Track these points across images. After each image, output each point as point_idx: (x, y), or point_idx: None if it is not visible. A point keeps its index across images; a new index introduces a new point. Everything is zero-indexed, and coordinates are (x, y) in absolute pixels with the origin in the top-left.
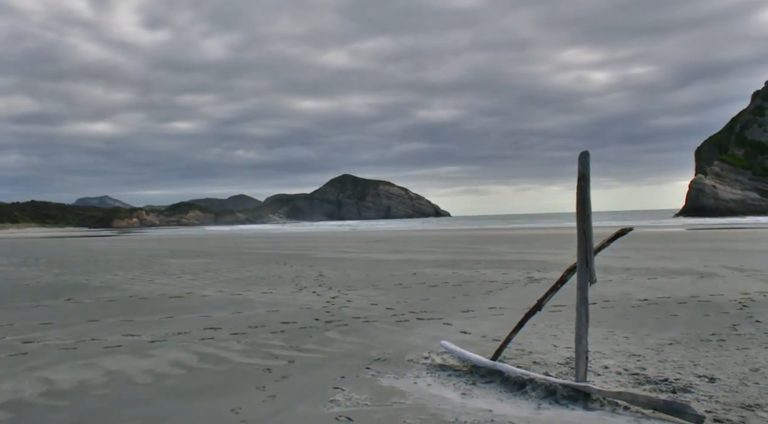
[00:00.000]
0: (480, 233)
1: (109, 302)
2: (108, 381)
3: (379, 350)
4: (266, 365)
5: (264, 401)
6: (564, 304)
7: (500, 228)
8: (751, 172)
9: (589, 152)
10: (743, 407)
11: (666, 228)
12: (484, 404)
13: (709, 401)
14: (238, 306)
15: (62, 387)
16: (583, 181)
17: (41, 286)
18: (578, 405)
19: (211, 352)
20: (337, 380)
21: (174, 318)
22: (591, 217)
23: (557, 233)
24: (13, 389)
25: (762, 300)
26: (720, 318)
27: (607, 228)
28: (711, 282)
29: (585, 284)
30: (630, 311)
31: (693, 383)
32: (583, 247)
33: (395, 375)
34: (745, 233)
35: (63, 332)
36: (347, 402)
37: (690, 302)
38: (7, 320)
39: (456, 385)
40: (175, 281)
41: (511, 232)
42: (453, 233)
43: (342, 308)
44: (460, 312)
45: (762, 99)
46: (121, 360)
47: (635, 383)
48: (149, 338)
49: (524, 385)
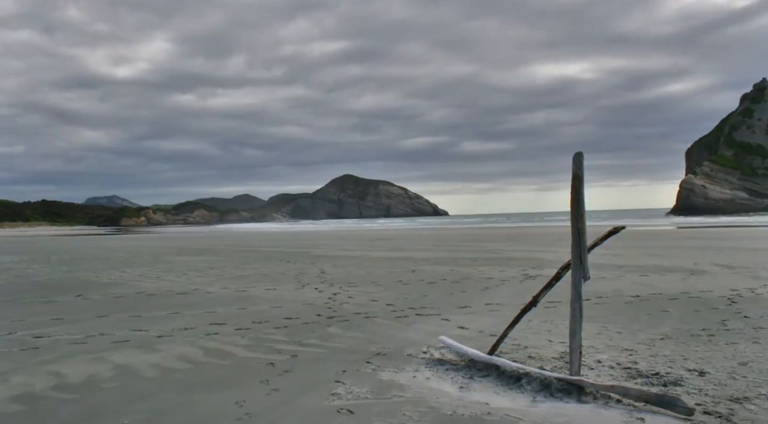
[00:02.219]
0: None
1: (117, 299)
2: (116, 375)
3: (380, 344)
4: (270, 360)
5: (268, 394)
6: (559, 300)
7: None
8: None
9: (583, 153)
10: (732, 399)
11: (657, 227)
12: (481, 398)
13: (699, 394)
14: (243, 302)
15: (72, 381)
16: (577, 181)
17: (52, 282)
18: (572, 398)
19: (216, 347)
20: (339, 373)
21: (180, 314)
22: (585, 216)
23: (552, 231)
24: (25, 382)
25: (750, 296)
26: (709, 314)
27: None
28: (701, 279)
29: (579, 280)
30: (622, 307)
31: (683, 376)
32: (577, 245)
33: (395, 369)
34: (734, 231)
35: (73, 328)
36: (348, 395)
37: (680, 298)
38: (19, 315)
39: (454, 379)
40: (182, 278)
41: (507, 230)
42: (451, 232)
43: (343, 304)
44: (458, 308)
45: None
46: (129, 354)
47: (627, 377)
48: (156, 333)
49: (520, 379)
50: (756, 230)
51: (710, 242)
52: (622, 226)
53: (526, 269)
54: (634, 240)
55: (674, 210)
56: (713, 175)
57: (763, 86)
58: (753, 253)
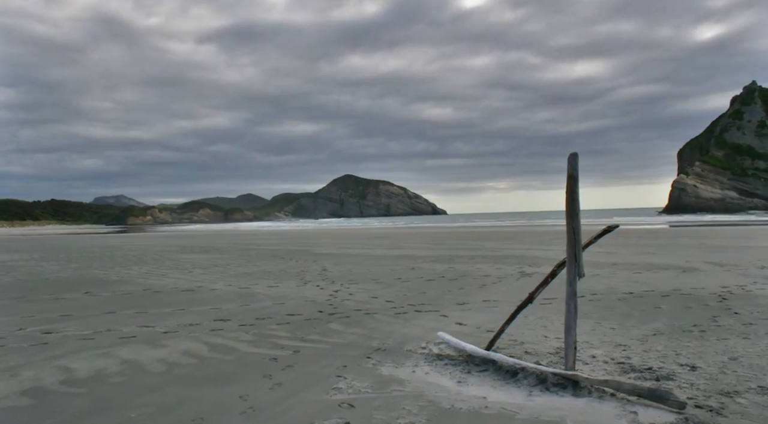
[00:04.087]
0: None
1: (124, 295)
2: (123, 370)
3: (380, 340)
4: (273, 355)
5: (271, 388)
6: (554, 297)
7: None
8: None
9: (578, 154)
10: (722, 394)
11: (650, 225)
12: (479, 392)
13: (690, 389)
14: (246, 299)
15: (80, 375)
16: (572, 181)
17: (61, 280)
18: (567, 392)
19: (221, 342)
20: (340, 368)
21: (186, 310)
22: (579, 215)
23: (548, 229)
24: (35, 376)
25: (740, 293)
26: (701, 310)
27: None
28: (693, 276)
29: (574, 278)
30: (616, 303)
31: (675, 371)
32: (572, 243)
33: (394, 364)
34: (724, 230)
35: (81, 324)
36: (349, 390)
37: (673, 295)
38: (29, 312)
39: (452, 373)
40: (187, 276)
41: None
42: (449, 230)
43: (344, 301)
44: (456, 305)
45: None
46: (135, 350)
47: (621, 372)
48: (162, 329)
49: (516, 373)
50: (746, 229)
51: (701, 241)
52: (616, 224)
53: (522, 267)
54: (627, 238)
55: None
56: (704, 175)
57: (753, 89)
58: (743, 251)
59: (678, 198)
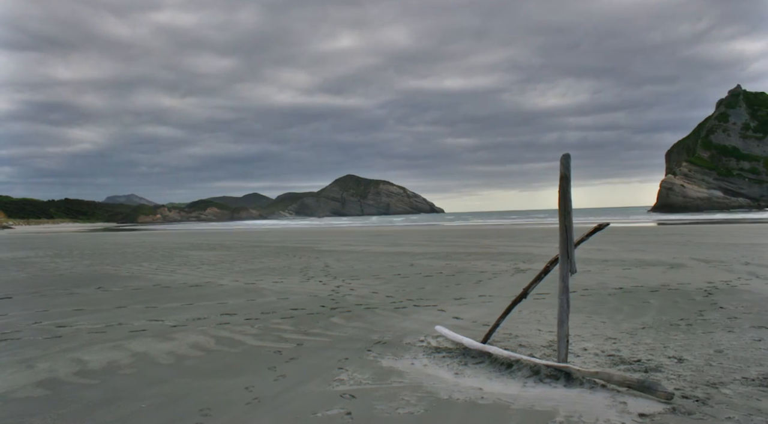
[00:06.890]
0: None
1: (135, 291)
2: (134, 362)
3: (380, 334)
4: (277, 348)
5: (275, 380)
6: (547, 292)
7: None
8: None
9: (570, 154)
10: (708, 385)
11: (639, 223)
12: (475, 383)
13: (677, 380)
14: (252, 294)
15: (93, 367)
16: (565, 181)
17: (74, 275)
18: (560, 383)
19: (227, 335)
20: (342, 361)
21: (194, 305)
22: (572, 213)
23: (541, 227)
24: (49, 368)
25: (725, 288)
26: (688, 305)
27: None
28: (680, 272)
29: (566, 274)
30: (607, 298)
31: (663, 363)
32: (564, 240)
33: (394, 357)
34: (710, 228)
35: (93, 318)
36: (350, 381)
37: (661, 290)
38: (43, 306)
39: (449, 365)
40: (195, 271)
41: (500, 227)
42: (446, 228)
43: (346, 296)
44: (453, 300)
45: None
46: (145, 343)
47: (611, 364)
48: (171, 323)
49: (511, 365)
50: (731, 227)
51: (688, 238)
52: (606, 222)
53: (516, 263)
54: (617, 236)
55: (655, 208)
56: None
57: (738, 93)
58: (728, 248)
59: (666, 197)
